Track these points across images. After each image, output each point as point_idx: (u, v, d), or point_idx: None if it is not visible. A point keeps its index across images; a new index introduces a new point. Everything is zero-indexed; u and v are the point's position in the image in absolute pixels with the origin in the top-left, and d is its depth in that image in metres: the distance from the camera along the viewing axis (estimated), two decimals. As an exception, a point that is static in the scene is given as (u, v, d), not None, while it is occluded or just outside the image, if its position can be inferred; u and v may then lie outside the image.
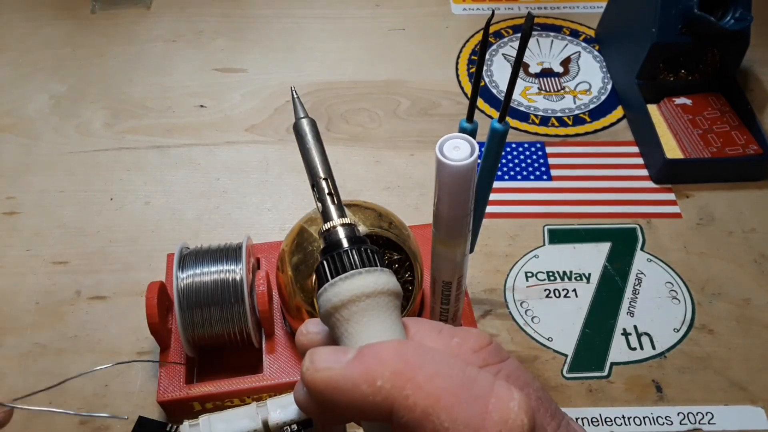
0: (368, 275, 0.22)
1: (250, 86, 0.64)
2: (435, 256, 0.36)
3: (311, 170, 0.26)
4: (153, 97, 0.63)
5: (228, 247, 0.41)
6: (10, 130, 0.60)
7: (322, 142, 0.26)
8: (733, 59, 0.58)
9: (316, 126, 0.27)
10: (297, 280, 0.38)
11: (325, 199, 0.25)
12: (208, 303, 0.38)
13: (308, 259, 0.38)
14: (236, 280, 0.39)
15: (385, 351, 0.20)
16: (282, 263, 0.40)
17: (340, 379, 0.20)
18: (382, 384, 0.19)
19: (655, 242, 0.51)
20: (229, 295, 0.38)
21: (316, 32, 0.70)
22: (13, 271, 0.49)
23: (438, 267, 0.36)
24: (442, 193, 0.31)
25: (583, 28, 0.70)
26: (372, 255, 0.23)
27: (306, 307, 0.38)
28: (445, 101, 0.62)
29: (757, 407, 0.42)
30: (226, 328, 0.39)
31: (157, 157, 0.57)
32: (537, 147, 0.58)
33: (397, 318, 0.23)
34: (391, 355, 0.20)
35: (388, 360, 0.20)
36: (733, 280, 0.49)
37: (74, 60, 0.66)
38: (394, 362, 0.20)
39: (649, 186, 0.55)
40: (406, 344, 0.21)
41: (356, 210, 0.39)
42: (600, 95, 0.63)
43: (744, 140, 0.55)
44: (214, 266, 0.39)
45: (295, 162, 0.57)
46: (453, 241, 0.34)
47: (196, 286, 0.38)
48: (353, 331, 0.22)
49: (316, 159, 0.26)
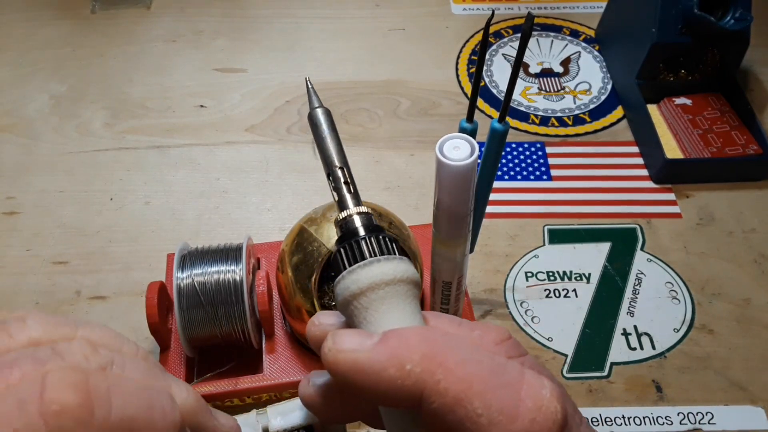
0: (387, 263, 0.22)
1: (250, 86, 0.64)
2: (435, 256, 0.36)
3: (326, 159, 0.26)
4: (153, 97, 0.63)
5: (228, 247, 0.41)
6: (10, 130, 0.60)
7: (337, 132, 0.26)
8: (733, 59, 0.58)
9: (331, 115, 0.27)
10: (297, 280, 0.38)
11: (341, 188, 0.25)
12: (208, 303, 0.38)
13: (308, 259, 0.38)
14: (236, 281, 0.39)
15: (412, 335, 0.20)
16: (282, 263, 0.40)
17: (366, 362, 0.20)
18: (411, 368, 0.19)
19: (655, 242, 0.51)
20: (229, 295, 0.38)
21: (316, 32, 0.70)
22: (13, 271, 0.49)
23: (438, 267, 0.36)
24: (443, 193, 0.31)
25: (583, 28, 0.70)
26: (390, 243, 0.23)
27: (306, 307, 0.38)
28: (445, 101, 0.62)
29: (757, 407, 0.42)
30: (226, 329, 0.39)
31: (157, 157, 0.57)
32: (537, 147, 0.58)
33: (416, 307, 0.22)
34: (418, 340, 0.19)
35: (416, 344, 0.19)
36: (733, 280, 0.49)
37: (74, 60, 0.66)
38: (423, 346, 0.19)
39: (649, 186, 0.55)
40: (432, 329, 0.20)
41: None
42: (600, 95, 0.63)
43: (744, 140, 0.55)
44: (215, 266, 0.39)
45: (295, 162, 0.57)
46: (453, 241, 0.33)
47: (196, 287, 0.38)
48: (372, 318, 0.22)
49: (331, 148, 0.26)
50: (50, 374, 0.18)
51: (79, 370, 0.19)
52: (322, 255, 0.38)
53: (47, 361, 0.19)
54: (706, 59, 0.58)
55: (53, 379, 0.18)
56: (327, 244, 0.38)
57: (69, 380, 0.18)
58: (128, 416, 0.19)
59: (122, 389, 0.19)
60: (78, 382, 0.18)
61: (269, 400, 0.41)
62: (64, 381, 0.18)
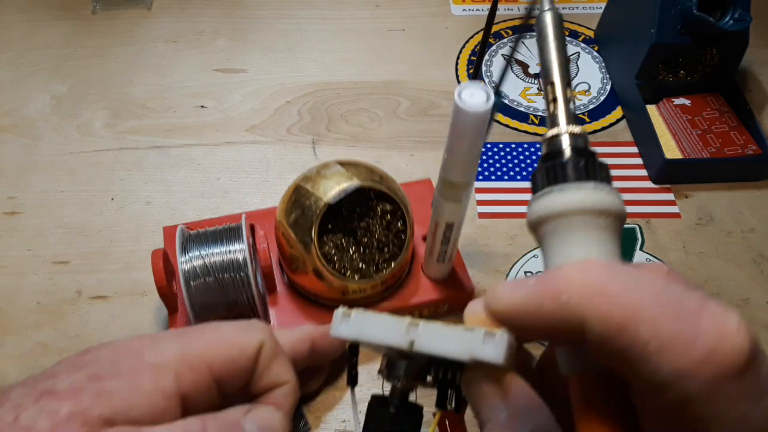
0: (578, 191, 0.21)
1: (250, 86, 0.64)
2: (439, 202, 0.39)
3: (545, 72, 0.23)
4: (153, 97, 0.63)
5: (227, 227, 0.43)
6: (11, 130, 0.60)
7: (565, 41, 0.24)
8: (732, 60, 0.58)
9: (562, 21, 0.24)
10: (297, 234, 0.41)
11: (550, 105, 0.23)
12: (212, 275, 0.40)
13: (307, 213, 0.40)
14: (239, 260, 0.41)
15: (570, 269, 0.19)
16: (281, 223, 0.42)
17: (520, 303, 0.20)
18: (568, 299, 0.18)
19: (654, 242, 0.51)
20: (234, 270, 0.41)
21: (317, 33, 0.70)
22: (14, 271, 0.50)
23: (442, 211, 0.40)
24: (461, 138, 0.34)
25: (582, 29, 0.70)
26: (596, 168, 0.21)
27: (307, 258, 0.41)
28: (445, 101, 0.63)
29: (756, 406, 0.43)
30: (232, 297, 0.41)
31: (157, 158, 0.58)
32: (537, 147, 0.58)
33: (612, 242, 0.21)
34: (576, 273, 0.19)
35: (573, 276, 0.19)
36: (732, 280, 0.49)
37: (75, 60, 0.66)
38: (581, 278, 0.18)
39: (648, 186, 0.55)
40: (592, 261, 0.19)
41: (349, 166, 0.42)
42: (599, 96, 0.63)
43: (743, 140, 0.55)
44: (216, 248, 0.41)
45: (296, 162, 0.57)
46: (464, 183, 0.37)
47: (207, 266, 0.41)
48: (554, 249, 0.21)
49: (552, 59, 0.23)
50: None
51: None
52: (320, 208, 0.40)
53: None
54: (705, 60, 0.58)
55: None
56: (324, 198, 0.40)
57: None
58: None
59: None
60: None
61: None
62: None
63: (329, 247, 0.41)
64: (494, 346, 0.21)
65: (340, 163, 0.42)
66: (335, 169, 0.41)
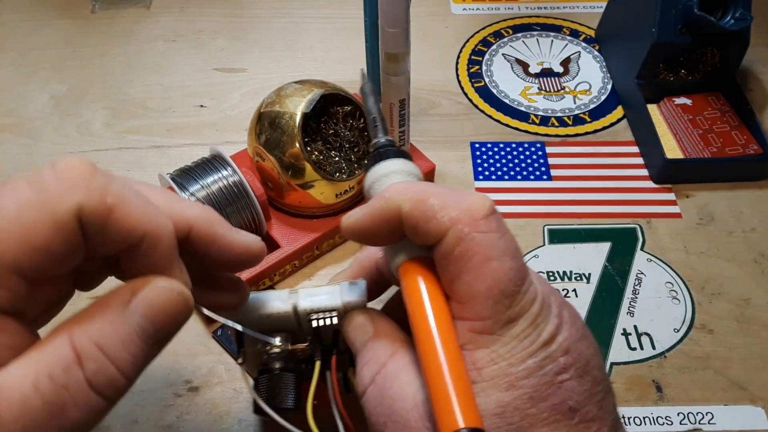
0: (388, 161, 0.30)
1: (250, 86, 0.64)
2: (385, 82, 0.45)
3: (368, 111, 0.33)
4: (153, 97, 0.63)
5: (209, 158, 0.46)
6: (11, 130, 0.60)
7: (378, 98, 0.34)
8: (733, 59, 0.58)
9: (375, 88, 0.35)
10: (280, 159, 0.45)
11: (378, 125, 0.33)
12: (219, 207, 0.44)
13: (286, 130, 0.45)
14: (236, 181, 0.45)
15: (390, 187, 0.27)
16: (259, 154, 0.46)
17: (363, 215, 0.27)
18: (389, 196, 0.26)
19: (655, 242, 0.51)
20: (234, 195, 0.45)
21: (316, 32, 0.70)
22: (14, 271, 0.49)
23: (390, 89, 0.46)
24: (388, 16, 0.42)
25: (583, 28, 0.70)
26: (393, 151, 0.30)
27: (296, 178, 0.46)
28: (445, 101, 0.62)
29: (757, 407, 0.42)
30: (236, 222, 0.44)
31: (157, 157, 0.57)
32: (537, 147, 0.58)
33: None
34: (393, 186, 0.27)
35: (392, 188, 0.27)
36: (733, 280, 0.49)
37: (74, 60, 0.66)
38: (396, 186, 0.27)
39: (649, 186, 0.55)
40: (402, 182, 0.28)
41: (307, 84, 0.47)
42: (600, 95, 0.63)
43: (744, 140, 0.55)
44: (210, 177, 0.45)
45: (296, 162, 0.57)
46: (400, 54, 0.44)
47: (211, 195, 0.44)
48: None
49: (372, 104, 0.33)
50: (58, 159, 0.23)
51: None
52: (296, 121, 0.45)
53: None
54: (706, 59, 0.58)
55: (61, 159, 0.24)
56: (297, 111, 0.45)
57: (78, 157, 0.24)
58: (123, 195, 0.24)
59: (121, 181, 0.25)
60: (85, 159, 0.24)
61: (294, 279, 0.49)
62: (73, 157, 0.24)
63: (315, 155, 0.46)
64: (357, 288, 0.30)
65: (298, 82, 0.48)
66: (293, 87, 0.47)
